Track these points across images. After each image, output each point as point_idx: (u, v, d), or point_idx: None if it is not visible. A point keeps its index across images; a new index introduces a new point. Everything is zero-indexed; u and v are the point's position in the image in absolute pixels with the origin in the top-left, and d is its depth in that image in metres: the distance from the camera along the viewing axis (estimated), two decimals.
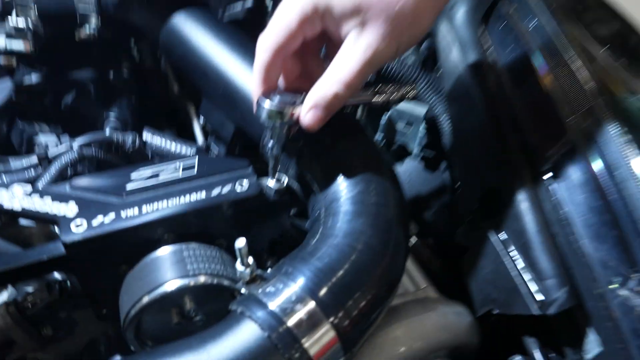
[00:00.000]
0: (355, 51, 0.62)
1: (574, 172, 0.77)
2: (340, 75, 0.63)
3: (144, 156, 0.94)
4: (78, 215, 0.69)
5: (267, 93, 0.69)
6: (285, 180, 0.77)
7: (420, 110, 1.00)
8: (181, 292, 0.68)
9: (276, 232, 0.82)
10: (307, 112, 0.66)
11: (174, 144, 1.01)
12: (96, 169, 0.92)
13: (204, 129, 1.09)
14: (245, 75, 0.85)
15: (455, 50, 0.96)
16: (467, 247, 0.87)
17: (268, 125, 0.69)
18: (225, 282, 0.69)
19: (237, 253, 0.63)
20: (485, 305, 0.80)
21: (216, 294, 0.72)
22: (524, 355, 0.82)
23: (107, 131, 0.94)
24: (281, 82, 0.74)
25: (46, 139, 0.92)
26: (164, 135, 1.03)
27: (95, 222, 0.68)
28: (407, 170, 1.10)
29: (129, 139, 0.90)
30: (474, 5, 0.97)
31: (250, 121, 0.83)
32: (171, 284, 0.67)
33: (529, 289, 0.73)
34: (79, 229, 0.67)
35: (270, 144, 0.72)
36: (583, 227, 0.74)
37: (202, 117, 1.00)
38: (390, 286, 0.68)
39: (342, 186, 0.72)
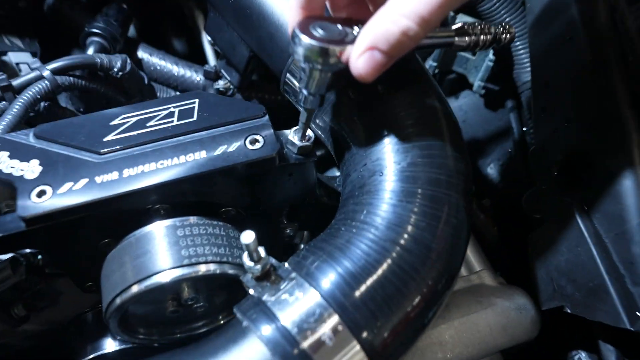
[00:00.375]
0: None
1: None
2: (412, 4, 0.42)
3: (137, 82, 0.75)
4: (41, 178, 0.53)
5: (307, 23, 0.48)
6: (312, 137, 0.58)
7: None
8: (177, 283, 0.53)
9: (297, 193, 0.65)
10: (361, 55, 0.45)
11: (175, 66, 0.82)
12: (79, 100, 0.74)
13: (213, 45, 0.88)
14: None
15: None
16: (537, 220, 0.70)
17: (305, 68, 0.49)
18: (230, 271, 0.54)
19: (244, 248, 0.48)
20: (555, 300, 0.65)
21: (220, 280, 0.58)
22: (589, 353, 0.68)
23: (90, 52, 0.74)
24: (328, 8, 0.53)
25: (18, 58, 0.74)
26: (164, 56, 0.83)
27: (62, 189, 0.52)
28: (464, 106, 0.89)
29: (117, 62, 0.71)
30: None
31: (271, 50, 0.63)
32: (164, 275, 0.52)
33: (621, 295, 0.57)
34: (41, 198, 0.52)
35: (304, 92, 0.52)
36: None
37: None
38: (443, 289, 0.52)
39: (389, 151, 0.54)
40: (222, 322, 0.64)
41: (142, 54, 0.82)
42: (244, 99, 0.82)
